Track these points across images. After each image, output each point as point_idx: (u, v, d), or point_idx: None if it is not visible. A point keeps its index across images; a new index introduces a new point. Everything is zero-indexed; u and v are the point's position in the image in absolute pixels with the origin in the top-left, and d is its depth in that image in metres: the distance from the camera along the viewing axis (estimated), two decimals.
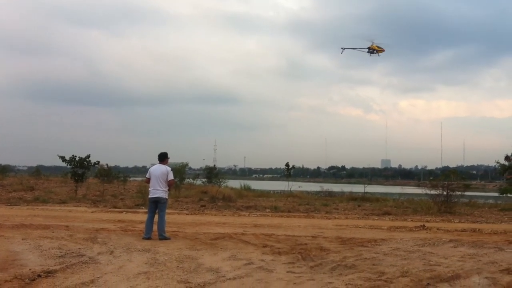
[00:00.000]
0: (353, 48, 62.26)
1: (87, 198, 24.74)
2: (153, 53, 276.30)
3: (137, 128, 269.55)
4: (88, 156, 26.99)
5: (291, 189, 35.04)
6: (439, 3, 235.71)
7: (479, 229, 14.18)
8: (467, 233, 13.32)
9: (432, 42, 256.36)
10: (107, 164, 38.10)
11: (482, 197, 35.56)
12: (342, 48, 62.26)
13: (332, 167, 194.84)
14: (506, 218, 18.75)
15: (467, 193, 25.64)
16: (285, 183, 36.17)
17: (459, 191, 22.70)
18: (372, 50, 58.19)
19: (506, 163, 27.39)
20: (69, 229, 12.04)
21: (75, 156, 26.80)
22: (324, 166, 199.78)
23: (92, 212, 17.94)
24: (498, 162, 28.07)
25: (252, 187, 39.16)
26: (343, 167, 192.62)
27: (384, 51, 59.94)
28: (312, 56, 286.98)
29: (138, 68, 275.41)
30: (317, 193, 35.56)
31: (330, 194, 33.44)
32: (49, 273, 7.00)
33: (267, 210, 20.68)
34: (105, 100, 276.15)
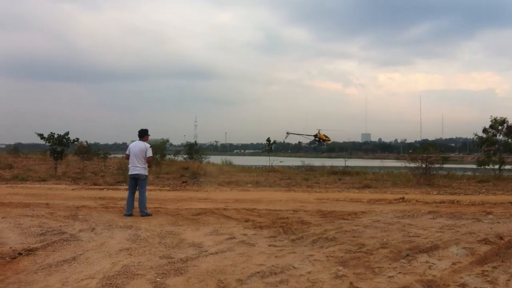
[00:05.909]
0: (299, 134, 61.73)
1: (67, 175, 24.53)
2: (128, 27, 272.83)
3: (116, 104, 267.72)
4: (67, 133, 26.78)
5: (273, 164, 35.15)
6: None
7: (457, 201, 14.41)
8: (446, 204, 13.52)
9: (409, 15, 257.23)
10: (86, 141, 37.88)
11: (460, 169, 36.02)
12: (287, 133, 56.77)
13: (312, 142, 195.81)
14: (483, 190, 19.02)
15: (445, 166, 26.00)
16: (267, 158, 36.25)
17: (437, 164, 22.99)
18: (318, 139, 57.03)
19: (484, 135, 27.77)
20: (49, 207, 11.95)
21: (54, 133, 26.57)
22: (305, 141, 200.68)
23: (72, 189, 17.79)
24: (476, 135, 28.46)
25: (234, 163, 39.18)
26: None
27: (330, 140, 59.98)
28: (289, 30, 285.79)
29: (114, 42, 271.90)
30: (298, 167, 35.70)
31: (311, 168, 33.50)
32: (30, 251, 6.96)
33: (249, 185, 20.73)
34: (81, 76, 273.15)
